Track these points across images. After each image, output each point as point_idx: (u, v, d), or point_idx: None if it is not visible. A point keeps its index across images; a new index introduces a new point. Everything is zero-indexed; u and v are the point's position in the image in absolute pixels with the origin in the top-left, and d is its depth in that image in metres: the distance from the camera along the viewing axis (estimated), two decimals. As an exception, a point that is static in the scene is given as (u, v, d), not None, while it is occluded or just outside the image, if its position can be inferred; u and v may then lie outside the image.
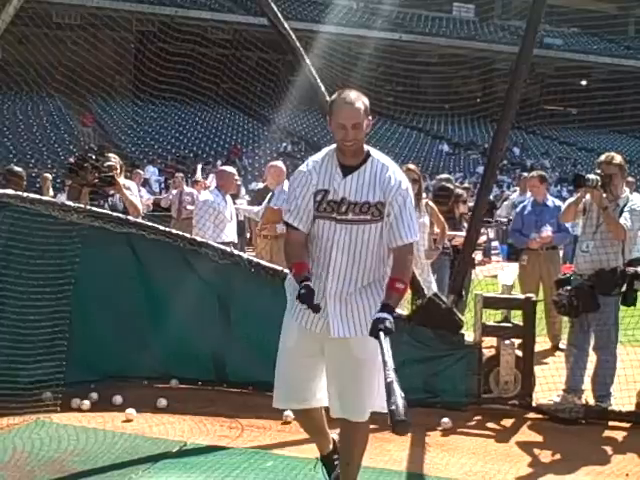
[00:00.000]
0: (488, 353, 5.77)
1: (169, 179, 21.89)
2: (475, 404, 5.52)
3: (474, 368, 5.52)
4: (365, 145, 3.68)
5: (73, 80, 20.96)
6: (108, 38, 25.64)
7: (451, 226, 7.54)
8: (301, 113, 33.77)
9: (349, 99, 3.58)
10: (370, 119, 3.64)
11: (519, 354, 5.59)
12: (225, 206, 7.86)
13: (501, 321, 5.98)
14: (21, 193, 5.75)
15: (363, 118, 3.58)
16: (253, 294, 5.73)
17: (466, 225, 7.14)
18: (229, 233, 7.88)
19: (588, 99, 32.34)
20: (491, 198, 15.51)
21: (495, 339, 5.78)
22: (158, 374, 6.01)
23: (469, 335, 5.66)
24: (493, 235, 17.57)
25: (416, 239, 3.77)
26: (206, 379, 5.99)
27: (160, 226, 6.09)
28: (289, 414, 4.90)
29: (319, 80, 5.91)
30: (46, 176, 13.99)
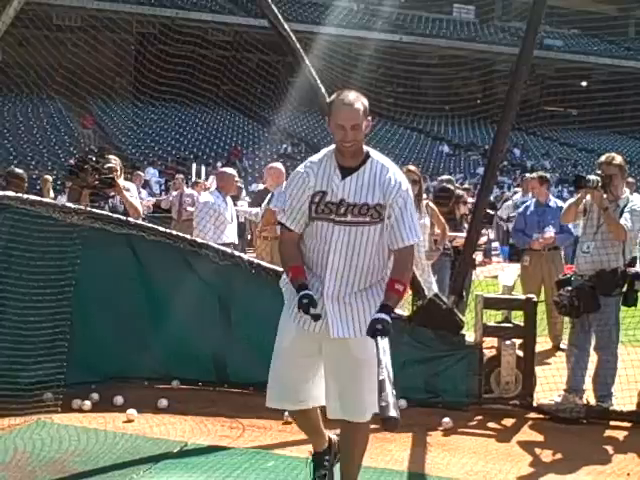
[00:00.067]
0: (489, 353, 5.77)
1: (169, 180, 21.90)
2: (476, 404, 5.52)
3: (475, 368, 5.52)
4: (365, 146, 3.66)
5: (73, 82, 20.97)
6: (108, 40, 25.68)
7: (452, 227, 7.54)
8: (301, 114, 33.81)
9: (348, 100, 3.56)
10: (369, 120, 3.62)
11: (520, 354, 5.59)
12: (225, 207, 7.87)
13: (502, 321, 5.99)
14: (21, 195, 5.76)
15: (362, 119, 3.56)
16: (254, 295, 5.73)
17: (467, 226, 7.14)
18: (229, 234, 7.89)
19: (588, 100, 32.40)
20: (491, 199, 15.52)
21: (496, 339, 5.78)
22: (159, 375, 6.01)
23: (470, 335, 5.65)
24: (494, 236, 17.57)
25: (417, 241, 3.76)
26: (207, 380, 5.99)
27: (160, 227, 6.10)
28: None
29: (319, 81, 5.91)
30: (46, 178, 13.95)
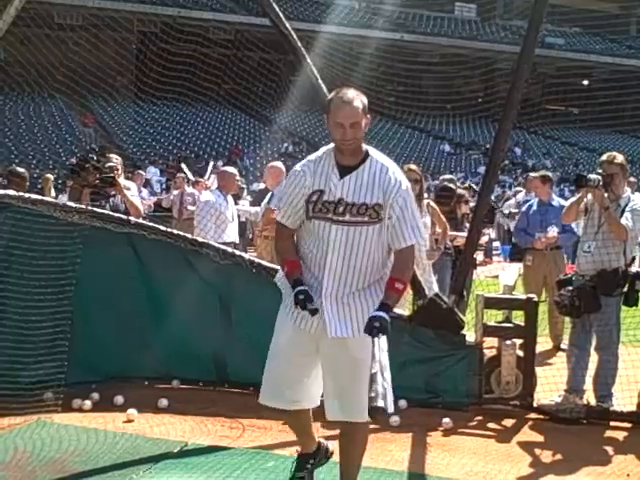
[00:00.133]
0: (489, 353, 5.76)
1: (170, 180, 21.90)
2: (476, 404, 5.52)
3: (475, 368, 5.52)
4: (364, 144, 3.64)
5: (75, 81, 20.96)
6: (110, 39, 25.64)
7: (453, 226, 7.54)
8: (302, 113, 33.76)
9: (347, 98, 3.54)
10: (369, 117, 3.60)
11: (520, 354, 5.59)
12: (226, 206, 7.88)
13: (502, 321, 5.98)
14: (23, 194, 5.75)
15: (361, 117, 3.55)
16: (254, 294, 5.72)
17: (468, 225, 7.13)
18: (230, 233, 7.89)
19: (590, 99, 32.33)
20: (492, 198, 15.53)
21: (496, 339, 5.77)
22: (159, 374, 6.01)
23: (470, 335, 5.65)
24: (494, 235, 17.58)
25: (420, 240, 3.75)
26: (207, 379, 5.99)
27: (161, 226, 6.09)
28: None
29: (320, 80, 5.91)
30: (48, 177, 13.91)
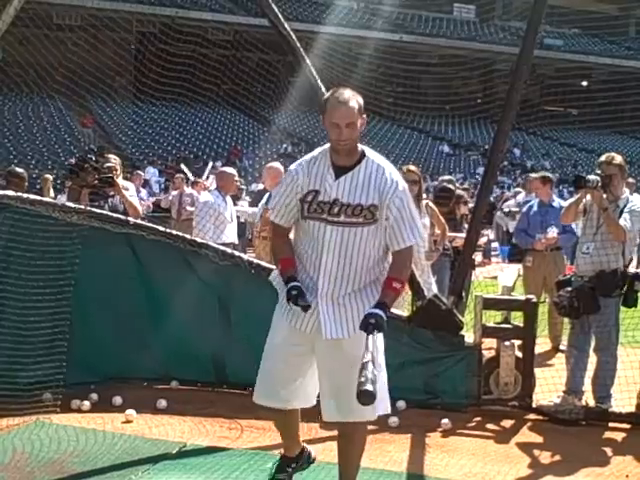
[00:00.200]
0: (488, 354, 5.76)
1: (169, 180, 21.88)
2: (475, 405, 5.51)
3: (474, 369, 5.52)
4: (360, 145, 3.63)
5: (73, 81, 20.98)
6: (108, 39, 25.65)
7: (452, 227, 7.53)
8: (301, 114, 33.78)
9: (343, 98, 3.53)
10: (364, 117, 3.59)
11: (519, 355, 5.59)
12: (225, 207, 7.87)
13: (501, 322, 5.98)
14: (21, 194, 5.74)
15: (357, 117, 3.54)
16: (253, 295, 5.71)
17: (467, 226, 7.13)
18: (229, 234, 7.89)
19: (589, 100, 32.39)
20: (491, 199, 15.56)
21: (495, 340, 5.77)
22: (158, 375, 6.00)
23: (469, 336, 5.64)
24: (493, 236, 17.58)
25: (419, 240, 3.74)
26: (206, 380, 5.98)
27: (160, 227, 6.09)
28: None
29: (319, 81, 5.90)
30: (47, 177, 13.93)
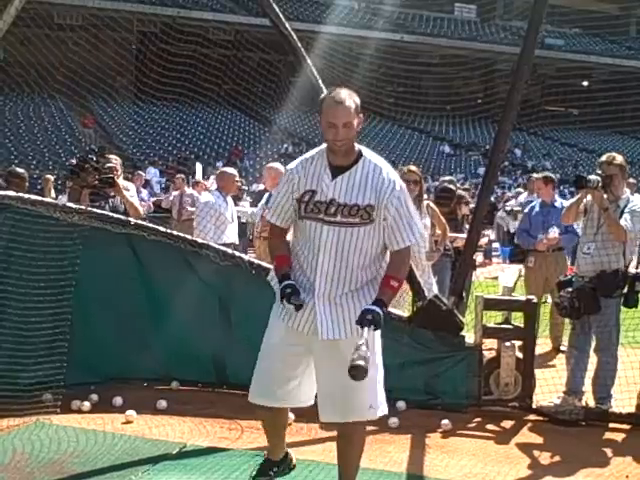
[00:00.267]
0: (488, 355, 5.76)
1: (170, 180, 21.89)
2: (475, 406, 5.51)
3: (474, 370, 5.51)
4: (357, 144, 3.62)
5: (74, 81, 21.01)
6: (109, 39, 25.67)
7: (453, 227, 7.53)
8: (302, 114, 33.80)
9: (339, 98, 3.53)
10: (361, 117, 3.59)
11: (519, 356, 5.58)
12: (226, 207, 7.87)
13: (502, 323, 5.98)
14: (22, 195, 5.75)
15: (354, 117, 3.53)
16: (254, 296, 5.69)
17: (468, 227, 7.13)
18: (230, 234, 7.89)
19: (589, 100, 32.42)
20: (492, 199, 15.56)
21: (496, 341, 5.77)
22: (158, 376, 5.99)
23: (470, 337, 5.64)
24: (494, 237, 17.57)
25: (419, 240, 3.74)
26: (206, 381, 5.97)
27: (161, 227, 6.09)
28: (291, 416, 4.88)
29: (320, 81, 5.90)
30: (48, 177, 13.91)
